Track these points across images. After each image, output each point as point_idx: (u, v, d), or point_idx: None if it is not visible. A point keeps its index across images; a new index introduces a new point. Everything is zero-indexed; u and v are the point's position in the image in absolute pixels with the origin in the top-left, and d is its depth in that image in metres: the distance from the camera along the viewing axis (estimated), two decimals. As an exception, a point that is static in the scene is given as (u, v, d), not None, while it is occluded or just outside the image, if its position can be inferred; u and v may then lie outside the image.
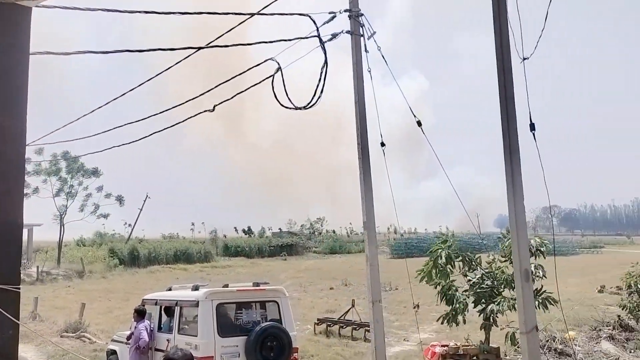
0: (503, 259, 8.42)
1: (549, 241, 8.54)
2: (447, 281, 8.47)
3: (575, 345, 13.04)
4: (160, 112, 8.77)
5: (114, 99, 7.75)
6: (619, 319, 14.84)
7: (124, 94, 7.90)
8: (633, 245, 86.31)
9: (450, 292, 8.33)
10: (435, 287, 8.51)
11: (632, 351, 12.93)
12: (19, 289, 4.15)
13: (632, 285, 11.48)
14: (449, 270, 8.49)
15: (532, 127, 6.50)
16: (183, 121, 8.53)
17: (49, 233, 49.32)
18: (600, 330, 14.64)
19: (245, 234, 77.47)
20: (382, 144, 10.04)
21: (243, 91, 7.99)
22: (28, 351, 15.19)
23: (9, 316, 4.00)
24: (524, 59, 6.40)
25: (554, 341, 12.68)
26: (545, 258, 8.33)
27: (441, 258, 8.23)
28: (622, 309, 12.69)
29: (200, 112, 8.21)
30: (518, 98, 6.32)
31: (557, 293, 8.54)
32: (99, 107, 8.01)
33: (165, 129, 8.83)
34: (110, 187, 48.64)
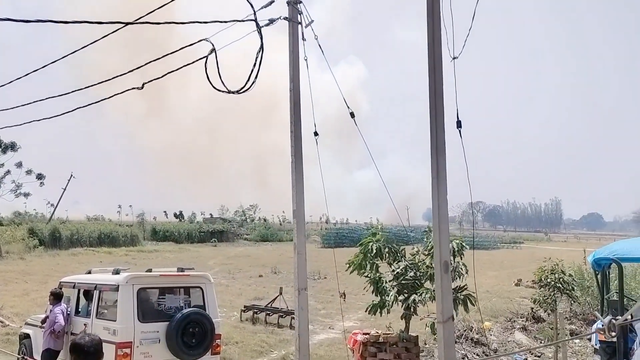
0: (427, 252, 8.67)
1: (471, 236, 8.89)
2: (377, 273, 8.64)
3: (491, 335, 13.70)
4: (85, 87, 8.40)
5: (34, 71, 7.33)
6: (532, 311, 15.69)
7: (44, 66, 7.49)
8: (550, 242, 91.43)
9: (380, 284, 8.51)
10: (366, 278, 8.67)
11: (542, 341, 13.72)
12: None
13: (543, 279, 12.17)
14: (377, 262, 8.66)
15: (459, 124, 6.70)
16: (109, 97, 8.20)
17: (-38, 210, 46.47)
18: (514, 321, 15.46)
19: (176, 218, 76.00)
20: (315, 134, 10.07)
21: (174, 70, 7.76)
22: None
23: None
24: (454, 58, 6.58)
25: (471, 331, 13.25)
26: (462, 258, 8.64)
27: (372, 251, 8.38)
28: (534, 302, 13.45)
29: (128, 90, 7.91)
30: (447, 95, 6.49)
31: (475, 286, 8.92)
32: (17, 79, 7.55)
33: (89, 104, 8.46)
34: (30, 164, 46.35)
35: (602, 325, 1.86)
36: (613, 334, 1.87)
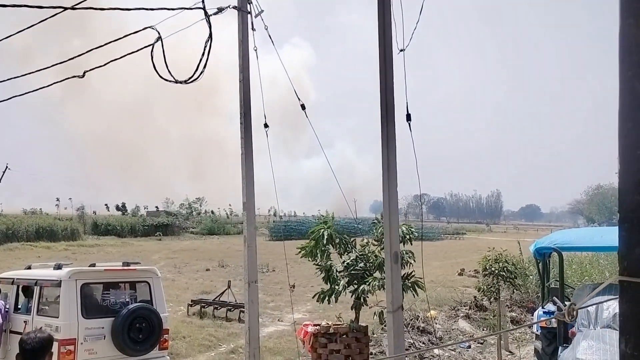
0: (376, 243, 8.79)
1: (417, 228, 9.06)
2: (328, 261, 8.68)
3: (436, 323, 14.05)
4: (26, 74, 8.02)
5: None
6: (475, 299, 16.21)
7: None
8: (491, 232, 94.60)
9: (330, 272, 8.55)
10: (316, 266, 8.70)
11: (484, 329, 14.20)
12: None
13: (487, 268, 12.59)
14: (329, 250, 8.71)
15: (409, 117, 6.79)
16: (48, 86, 7.85)
17: None
18: (458, 309, 15.91)
19: (118, 212, 73.85)
20: (266, 125, 10.00)
21: (118, 58, 7.52)
22: None
23: None
24: (402, 50, 6.66)
25: (417, 320, 13.57)
26: (412, 244, 8.83)
27: (323, 237, 8.41)
28: (478, 291, 13.89)
29: (68, 78, 7.61)
30: (396, 87, 6.56)
31: (423, 276, 9.13)
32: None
33: (28, 92, 8.08)
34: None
35: (558, 312, 1.94)
36: (572, 318, 1.95)
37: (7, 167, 59.85)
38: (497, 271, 12.17)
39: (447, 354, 12.01)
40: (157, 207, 76.08)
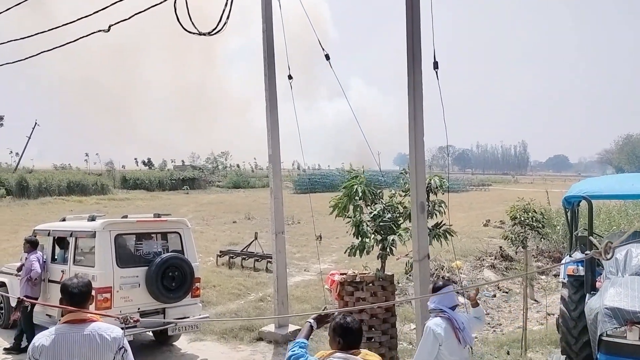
0: (403, 194, 8.79)
1: (446, 179, 9.01)
2: (360, 215, 8.72)
3: (461, 273, 14.18)
4: (50, 29, 8.05)
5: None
6: (500, 249, 16.23)
7: (8, 9, 7.12)
8: (517, 184, 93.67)
9: (361, 227, 8.61)
10: (348, 220, 8.75)
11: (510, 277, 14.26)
12: None
13: (518, 217, 12.50)
14: (362, 205, 8.72)
15: (436, 65, 6.67)
16: (74, 41, 7.87)
17: None
18: (483, 259, 15.97)
19: (145, 166, 75.08)
20: (290, 77, 9.93)
21: (142, 11, 7.48)
22: None
23: None
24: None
25: (442, 269, 13.70)
26: (443, 194, 8.80)
27: (357, 193, 8.43)
28: (505, 239, 13.84)
29: (94, 32, 7.61)
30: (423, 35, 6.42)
31: (450, 226, 9.14)
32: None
33: (55, 48, 8.12)
34: (-6, 112, 45.01)
35: (595, 250, 1.95)
36: (609, 256, 1.96)
37: (36, 123, 61.00)
38: (525, 220, 12.11)
39: (472, 302, 12.17)
40: (183, 161, 77.11)
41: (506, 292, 13.26)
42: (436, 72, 6.72)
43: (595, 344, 5.80)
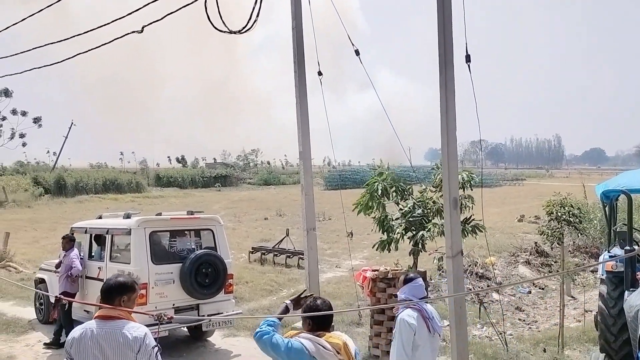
0: (434, 189, 8.72)
1: (477, 174, 8.89)
2: (383, 212, 8.69)
3: (495, 269, 13.96)
4: (85, 32, 8.20)
5: (23, 20, 7.12)
6: (536, 245, 15.92)
7: (40, 11, 7.28)
8: (551, 178, 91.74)
9: (386, 223, 8.58)
10: (373, 217, 8.74)
11: (545, 274, 13.99)
12: None
13: (554, 212, 12.20)
14: (384, 201, 8.70)
15: (468, 58, 6.55)
16: (108, 43, 8.00)
17: (-36, 162, 46.69)
18: (517, 255, 15.69)
19: (178, 164, 76.20)
20: (320, 73, 9.89)
21: (174, 12, 7.55)
22: (-52, 282, 14.60)
23: None
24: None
25: (475, 266, 13.51)
26: (472, 190, 8.69)
27: (377, 191, 8.40)
28: (541, 235, 13.55)
29: (128, 33, 7.72)
30: (455, 29, 6.32)
31: (483, 222, 9.03)
32: (14, 24, 7.36)
33: (91, 50, 8.27)
34: (29, 112, 46.66)
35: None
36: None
37: (72, 123, 62.48)
38: (562, 215, 11.81)
39: (507, 299, 11.97)
40: (215, 159, 77.98)
41: (542, 289, 13.01)
42: (468, 65, 6.59)
43: (635, 342, 5.63)
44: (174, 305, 8.38)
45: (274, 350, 3.46)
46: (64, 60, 7.72)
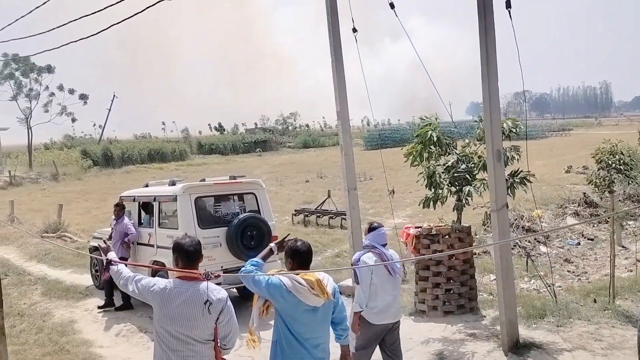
0: (478, 143, 8.48)
1: (522, 125, 8.58)
2: (436, 163, 8.42)
3: (542, 222, 13.69)
4: (117, 2, 8.24)
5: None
6: (584, 196, 15.48)
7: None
8: (600, 126, 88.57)
9: (434, 177, 8.38)
10: (421, 173, 8.51)
11: (595, 225, 13.63)
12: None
13: (604, 160, 11.70)
14: (437, 152, 8.41)
15: (508, 4, 6.30)
16: (140, 12, 8.02)
17: (16, 137, 48.41)
18: (565, 207, 15.31)
19: (217, 131, 77.08)
20: (354, 30, 9.69)
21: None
22: (10, 252, 15.39)
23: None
24: None
25: (521, 219, 13.28)
26: (518, 135, 8.38)
27: (432, 140, 8.11)
28: (589, 184, 13.10)
29: (159, 1, 7.72)
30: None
31: (528, 174, 8.79)
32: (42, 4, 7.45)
33: (122, 20, 8.31)
34: (71, 86, 47.92)
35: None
36: None
37: (114, 95, 63.78)
38: (612, 163, 11.31)
39: (555, 251, 11.77)
40: (256, 123, 78.49)
41: (591, 240, 12.71)
42: (509, 12, 6.34)
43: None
44: (222, 267, 8.60)
45: (256, 285, 3.88)
46: (99, 32, 7.80)
